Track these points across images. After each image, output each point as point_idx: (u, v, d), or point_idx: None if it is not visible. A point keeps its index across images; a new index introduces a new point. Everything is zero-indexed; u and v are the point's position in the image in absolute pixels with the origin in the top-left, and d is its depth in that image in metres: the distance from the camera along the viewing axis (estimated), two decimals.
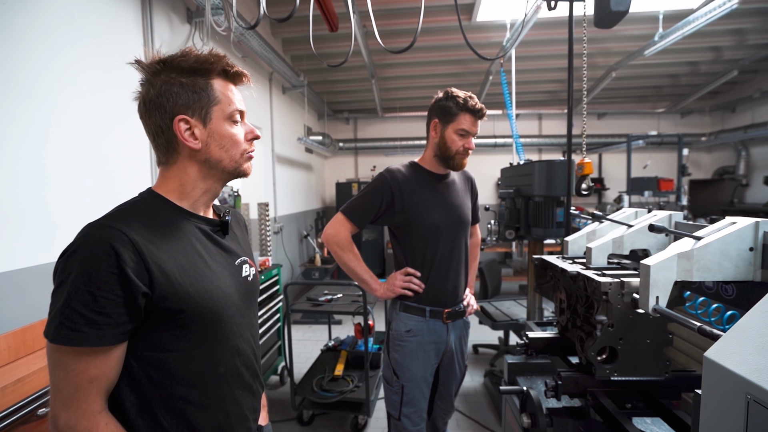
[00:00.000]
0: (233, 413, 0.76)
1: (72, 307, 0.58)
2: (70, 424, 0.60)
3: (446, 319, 1.47)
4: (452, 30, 3.86)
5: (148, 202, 0.72)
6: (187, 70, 0.71)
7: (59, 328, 0.58)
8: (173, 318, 0.66)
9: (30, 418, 1.12)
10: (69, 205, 1.74)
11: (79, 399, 0.60)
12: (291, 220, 5.00)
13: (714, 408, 0.56)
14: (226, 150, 0.74)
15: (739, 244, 0.77)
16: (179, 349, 0.68)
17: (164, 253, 0.66)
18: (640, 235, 1.04)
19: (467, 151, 1.42)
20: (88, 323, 0.58)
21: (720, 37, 4.20)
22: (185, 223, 0.73)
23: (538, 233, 2.23)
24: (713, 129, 6.43)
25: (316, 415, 2.55)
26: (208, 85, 0.72)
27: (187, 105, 0.70)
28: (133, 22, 2.21)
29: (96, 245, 0.60)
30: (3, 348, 1.32)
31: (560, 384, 0.95)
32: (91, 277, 0.59)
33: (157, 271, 0.64)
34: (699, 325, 0.68)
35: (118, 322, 0.61)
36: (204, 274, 0.71)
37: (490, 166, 6.25)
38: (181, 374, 0.68)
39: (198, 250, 0.73)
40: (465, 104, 1.38)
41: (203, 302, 0.69)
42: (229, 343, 0.75)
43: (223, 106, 0.73)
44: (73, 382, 0.60)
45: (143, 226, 0.66)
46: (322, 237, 1.49)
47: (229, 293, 0.75)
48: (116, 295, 0.60)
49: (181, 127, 0.70)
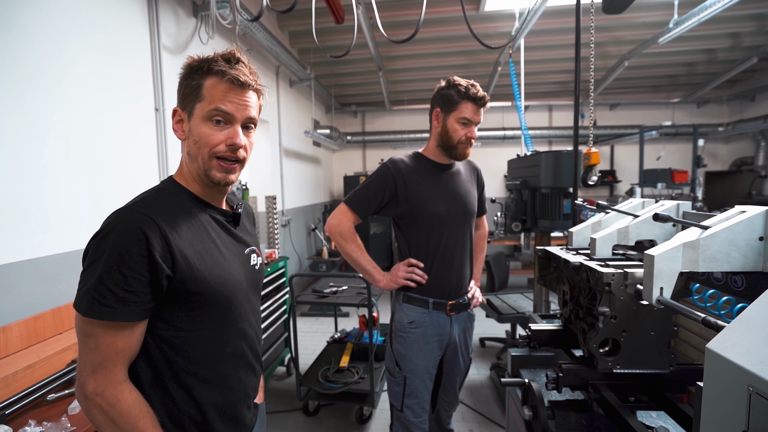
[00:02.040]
0: (237, 390, 0.81)
1: (104, 284, 0.64)
2: (98, 391, 0.65)
3: (450, 311, 1.46)
4: (460, 20, 3.79)
5: (170, 191, 0.77)
6: (189, 65, 0.77)
7: (92, 303, 0.64)
8: (190, 300, 0.72)
9: (40, 403, 1.16)
10: (79, 197, 1.77)
11: (106, 368, 0.66)
12: (299, 213, 5.03)
13: (715, 400, 0.54)
14: (199, 148, 0.75)
15: (748, 233, 0.74)
16: (192, 329, 0.73)
17: (185, 240, 0.72)
18: (646, 226, 1.01)
19: (470, 140, 1.40)
20: (118, 300, 0.64)
21: (738, 22, 4.05)
22: (202, 212, 0.79)
23: (544, 225, 2.20)
24: (731, 119, 6.23)
25: (322, 405, 2.58)
26: (201, 81, 0.75)
27: (182, 98, 0.77)
28: (140, 15, 2.22)
29: (128, 229, 0.66)
30: (15, 335, 1.36)
31: (561, 376, 0.94)
32: (123, 258, 0.64)
33: (179, 256, 0.69)
34: (703, 316, 0.66)
35: (143, 300, 0.66)
36: (218, 261, 0.77)
37: (500, 159, 6.17)
38: (191, 352, 0.74)
39: (213, 238, 0.78)
40: (466, 92, 1.35)
41: (217, 287, 0.74)
42: (236, 326, 0.80)
43: (203, 104, 0.74)
44: (102, 352, 0.65)
45: (167, 213, 0.71)
46: (325, 227, 1.49)
47: (239, 280, 0.81)
48: (143, 275, 0.65)
49: (174, 118, 0.78)
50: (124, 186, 2.06)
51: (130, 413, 0.66)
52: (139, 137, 2.19)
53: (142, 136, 2.22)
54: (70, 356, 1.37)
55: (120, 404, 0.66)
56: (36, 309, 1.53)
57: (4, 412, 1.02)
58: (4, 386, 1.14)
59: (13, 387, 1.16)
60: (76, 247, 1.76)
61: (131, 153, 2.13)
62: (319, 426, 2.41)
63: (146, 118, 2.26)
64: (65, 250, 1.70)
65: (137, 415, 0.67)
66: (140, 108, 2.21)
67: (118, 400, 0.66)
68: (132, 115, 2.14)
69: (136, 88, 2.18)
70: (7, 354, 1.32)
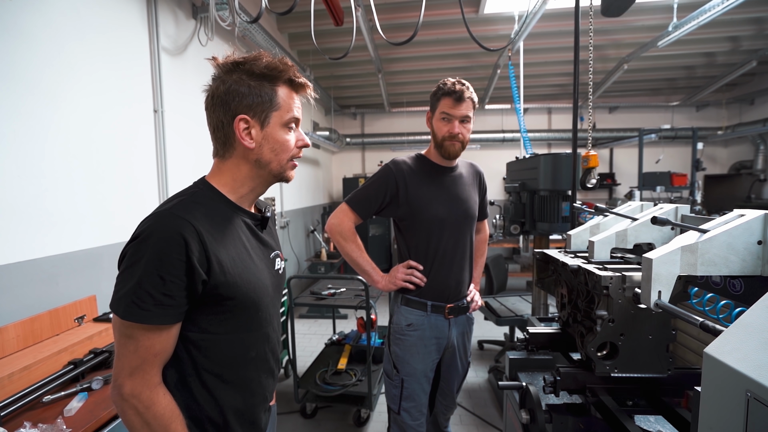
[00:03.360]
0: (257, 394, 0.83)
1: (143, 288, 0.65)
2: (135, 393, 0.67)
3: (448, 314, 1.45)
4: (459, 23, 3.80)
5: (205, 194, 0.77)
6: (257, 74, 0.75)
7: (130, 306, 0.65)
8: (222, 304, 0.73)
9: (36, 405, 1.15)
10: (78, 198, 1.77)
11: (144, 371, 0.67)
12: (297, 215, 5.02)
13: (713, 405, 0.54)
14: (276, 154, 0.78)
15: (747, 237, 0.74)
16: (219, 332, 0.75)
17: (220, 245, 0.73)
18: (644, 229, 1.01)
19: (455, 136, 1.38)
20: (156, 303, 0.65)
21: (738, 26, 4.06)
22: (235, 216, 0.79)
23: (543, 228, 2.20)
24: (730, 122, 6.24)
25: (319, 408, 2.57)
26: (273, 91, 0.76)
27: (249, 106, 0.75)
28: (139, 17, 2.22)
29: (168, 234, 0.66)
30: (11, 337, 1.35)
31: (559, 380, 0.93)
32: (162, 262, 0.65)
33: (215, 261, 0.70)
34: (701, 320, 0.65)
35: (180, 303, 0.68)
36: (249, 266, 0.78)
37: (498, 161, 6.18)
38: (217, 355, 0.75)
39: (244, 243, 0.79)
40: (443, 88, 1.37)
41: (248, 292, 0.76)
42: (261, 330, 0.82)
43: (281, 113, 0.77)
44: (141, 355, 0.67)
45: (204, 217, 0.72)
46: (326, 227, 1.49)
47: (266, 285, 0.82)
48: (181, 280, 0.67)
49: (240, 126, 0.75)
50: (123, 187, 2.05)
51: (163, 416, 0.68)
52: (138, 139, 2.19)
53: (141, 137, 2.21)
54: (67, 357, 1.36)
55: (155, 407, 0.67)
56: (33, 310, 1.52)
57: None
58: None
59: (8, 389, 1.15)
60: (74, 248, 1.75)
61: (130, 154, 2.12)
62: (317, 428, 2.40)
63: (145, 119, 2.26)
64: (63, 251, 1.70)
65: (170, 417, 0.69)
66: (139, 109, 2.21)
67: (153, 402, 0.67)
68: (131, 116, 2.13)
69: (135, 90, 2.17)
70: (3, 355, 1.31)
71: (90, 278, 1.83)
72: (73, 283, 1.74)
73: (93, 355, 1.38)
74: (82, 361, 1.33)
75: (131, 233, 0.69)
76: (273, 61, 0.76)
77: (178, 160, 2.50)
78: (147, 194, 2.25)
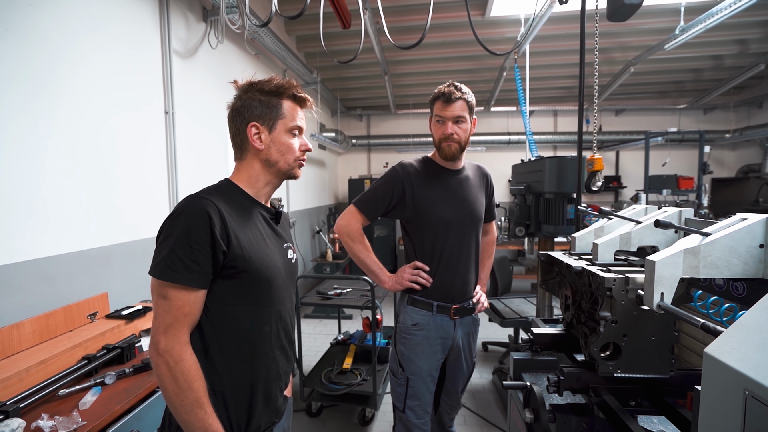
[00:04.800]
0: (272, 369, 0.92)
1: (176, 253, 0.78)
2: (168, 348, 0.77)
3: (454, 315, 1.47)
4: (465, 26, 3.82)
5: (227, 187, 0.92)
6: (267, 91, 0.92)
7: (164, 269, 0.77)
8: (238, 276, 0.84)
9: (52, 398, 1.18)
10: (93, 198, 1.81)
11: (176, 329, 0.78)
12: (304, 216, 5.06)
13: (713, 403, 0.55)
14: (282, 154, 0.93)
15: (749, 240, 0.75)
16: (237, 304, 0.86)
17: (238, 225, 0.86)
18: (648, 232, 1.02)
19: (449, 137, 1.40)
20: (185, 268, 0.78)
21: (746, 29, 4.04)
22: (252, 208, 0.93)
23: (548, 230, 2.21)
24: (738, 125, 6.19)
25: (325, 406, 2.59)
26: (279, 103, 0.93)
27: (259, 116, 0.91)
28: (151, 20, 2.27)
29: (196, 210, 0.80)
30: (28, 332, 1.39)
31: (562, 379, 0.95)
32: (191, 233, 0.78)
33: (234, 237, 0.83)
34: (702, 321, 0.67)
35: (205, 270, 0.80)
36: (263, 247, 0.90)
37: (504, 164, 6.17)
38: (236, 326, 0.86)
39: (260, 229, 0.92)
40: (435, 92, 1.41)
41: (261, 268, 0.87)
42: (274, 307, 0.92)
43: (286, 121, 0.93)
44: (173, 314, 0.78)
45: (225, 203, 0.86)
46: (334, 228, 1.51)
47: (279, 266, 0.93)
48: (206, 249, 0.79)
49: (251, 131, 0.91)
50: (135, 187, 2.09)
51: (189, 372, 0.78)
52: (149, 139, 2.23)
53: (152, 138, 2.26)
54: (81, 353, 1.39)
55: (182, 363, 0.77)
56: (48, 306, 1.56)
57: (18, 406, 1.05)
58: (17, 380, 1.17)
59: (26, 381, 1.19)
60: (87, 247, 1.79)
61: (141, 155, 2.16)
62: (322, 427, 2.42)
63: (156, 120, 2.30)
64: (77, 250, 1.74)
65: (194, 376, 0.78)
66: (151, 111, 2.25)
67: (182, 358, 0.77)
68: (143, 117, 2.18)
69: (146, 91, 2.22)
70: (20, 350, 1.35)
71: (102, 276, 1.88)
72: (86, 281, 1.79)
73: (106, 351, 1.42)
74: (96, 356, 1.37)
75: (142, 232, 0.77)
76: (281, 81, 0.93)
77: (188, 161, 2.54)
78: (157, 194, 2.29)
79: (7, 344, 1.32)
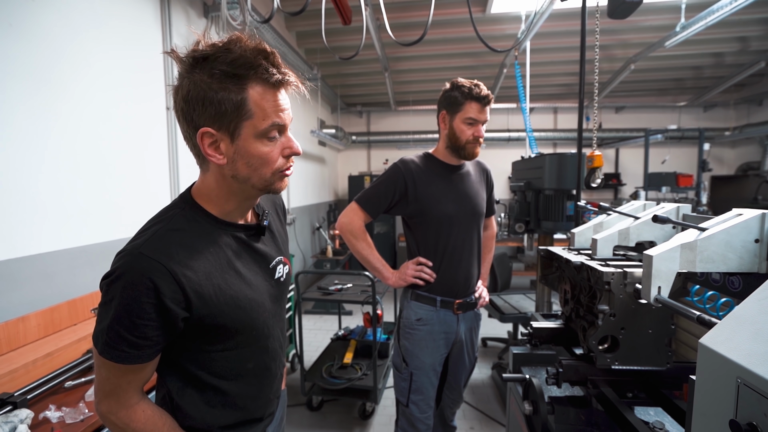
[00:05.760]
0: (258, 398, 0.82)
1: (116, 330, 0.62)
2: (112, 411, 0.67)
3: (457, 310, 1.48)
4: (466, 22, 3.81)
5: (186, 216, 0.70)
6: (221, 74, 0.61)
7: (105, 346, 0.63)
8: (210, 332, 0.70)
9: (58, 390, 1.20)
10: (94, 193, 1.82)
11: (118, 394, 0.67)
12: (303, 212, 5.07)
13: (707, 392, 0.57)
14: (255, 169, 0.67)
15: (745, 235, 0.77)
16: (213, 350, 0.73)
17: (201, 275, 0.66)
18: (646, 227, 1.04)
19: (477, 139, 1.42)
20: (130, 345, 0.63)
21: (746, 26, 4.04)
22: (222, 235, 0.72)
23: (548, 227, 2.22)
24: (738, 123, 6.20)
25: (325, 401, 2.62)
26: (242, 95, 0.62)
27: (213, 118, 0.62)
28: (152, 16, 2.27)
29: (135, 278, 0.61)
30: (33, 325, 1.41)
31: (561, 372, 0.97)
32: (131, 307, 0.62)
33: (195, 297, 0.66)
34: (698, 314, 0.69)
35: (156, 342, 0.65)
36: (238, 288, 0.72)
37: (504, 161, 6.19)
38: (213, 368, 0.74)
39: (233, 264, 0.73)
40: (470, 92, 1.38)
41: (237, 316, 0.72)
42: (259, 344, 0.79)
43: (255, 122, 0.64)
44: (113, 383, 0.66)
45: (181, 249, 0.65)
46: (336, 225, 1.52)
47: (262, 302, 0.77)
48: (154, 321, 0.63)
49: (204, 141, 0.64)
50: (137, 183, 2.11)
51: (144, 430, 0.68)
52: (151, 136, 2.24)
53: (155, 134, 2.27)
54: (86, 346, 1.41)
55: (134, 423, 0.67)
56: (53, 300, 1.58)
57: (26, 397, 1.07)
58: (24, 372, 1.19)
59: (32, 374, 1.21)
60: (91, 242, 1.81)
61: (143, 150, 2.17)
62: (323, 421, 2.45)
63: (158, 116, 2.31)
64: (81, 245, 1.75)
65: (152, 428, 0.69)
66: (152, 107, 2.26)
67: (131, 419, 0.67)
68: (145, 113, 2.19)
69: (148, 87, 2.23)
70: (26, 343, 1.37)
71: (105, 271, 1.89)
72: (90, 275, 1.80)
73: None
74: None
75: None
76: (242, 54, 0.61)
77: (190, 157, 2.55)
78: (159, 191, 2.30)
79: (13, 337, 1.34)
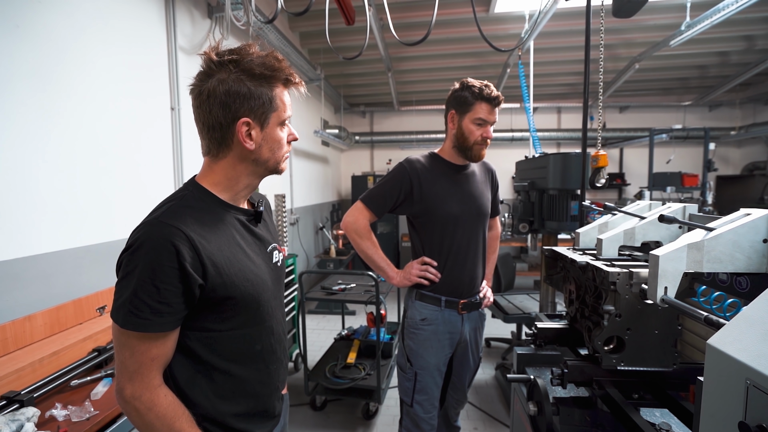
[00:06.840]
0: (267, 384, 0.85)
1: (139, 297, 0.65)
2: (136, 395, 0.68)
3: (461, 310, 1.48)
4: (469, 22, 3.81)
5: (195, 196, 0.76)
6: (257, 75, 0.74)
7: (128, 316, 0.66)
8: (222, 304, 0.74)
9: (65, 388, 1.21)
10: (98, 193, 1.84)
11: (142, 374, 0.69)
12: (307, 212, 5.08)
13: (715, 393, 0.56)
14: (274, 152, 0.79)
15: (752, 235, 0.76)
16: (223, 329, 0.76)
17: (213, 246, 0.72)
18: (652, 227, 1.03)
19: (485, 140, 1.42)
20: (153, 312, 0.66)
21: (752, 25, 4.01)
22: (227, 215, 0.79)
23: (552, 227, 2.21)
24: (744, 122, 6.15)
25: (329, 401, 2.62)
26: (272, 92, 0.76)
27: (251, 109, 0.74)
28: (157, 16, 2.28)
29: (158, 242, 0.66)
30: (39, 324, 1.42)
31: (566, 372, 0.96)
32: (155, 271, 0.65)
33: (210, 265, 0.70)
34: (705, 314, 0.68)
35: (177, 310, 0.69)
36: (245, 264, 0.78)
37: (507, 161, 6.17)
38: (223, 351, 0.77)
39: (238, 241, 0.79)
40: (480, 93, 1.38)
41: (246, 290, 0.76)
42: (265, 324, 0.83)
43: (279, 113, 0.78)
44: (137, 360, 0.68)
45: (195, 221, 0.71)
46: (341, 224, 1.52)
47: (265, 280, 0.82)
48: (176, 287, 0.67)
49: (242, 129, 0.74)
50: (142, 182, 2.12)
51: (166, 416, 0.69)
52: (156, 135, 2.25)
53: (160, 134, 2.28)
54: (91, 345, 1.42)
55: (157, 408, 0.69)
56: (58, 299, 1.59)
57: (32, 395, 1.08)
58: (31, 371, 1.20)
59: (39, 372, 1.22)
60: (95, 241, 1.82)
61: (149, 150, 2.19)
62: (326, 420, 2.45)
63: (163, 117, 2.32)
64: (86, 244, 1.77)
65: (173, 416, 0.70)
66: (157, 107, 2.27)
67: (154, 404, 0.69)
68: (149, 113, 2.20)
69: (152, 87, 2.24)
70: (32, 341, 1.38)
71: (110, 269, 1.89)
72: (95, 275, 1.81)
73: None
74: (106, 348, 1.40)
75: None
76: (269, 60, 0.75)
77: (195, 157, 2.56)
78: (164, 190, 2.31)
79: (20, 336, 1.35)
